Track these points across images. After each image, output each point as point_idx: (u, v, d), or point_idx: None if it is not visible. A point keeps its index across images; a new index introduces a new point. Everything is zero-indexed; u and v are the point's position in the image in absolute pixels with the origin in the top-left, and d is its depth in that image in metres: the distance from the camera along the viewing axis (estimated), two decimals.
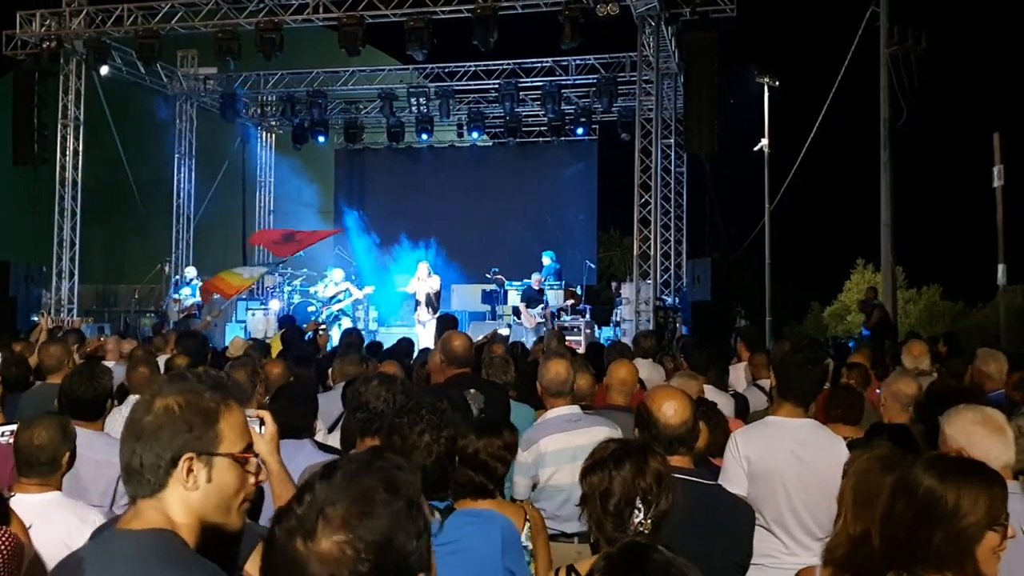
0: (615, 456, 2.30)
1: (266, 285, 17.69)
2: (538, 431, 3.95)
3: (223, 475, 1.64)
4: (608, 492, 2.24)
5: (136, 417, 1.63)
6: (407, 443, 2.48)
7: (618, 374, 4.55)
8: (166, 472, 1.60)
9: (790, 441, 3.55)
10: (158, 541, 1.59)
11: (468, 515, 2.55)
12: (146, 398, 1.66)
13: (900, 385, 4.18)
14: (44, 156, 15.87)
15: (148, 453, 1.60)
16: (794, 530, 3.48)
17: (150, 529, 1.60)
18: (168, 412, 1.62)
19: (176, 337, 7.76)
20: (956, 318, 31.68)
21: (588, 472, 2.32)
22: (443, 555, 2.30)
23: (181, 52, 18.31)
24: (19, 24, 15.65)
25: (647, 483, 2.24)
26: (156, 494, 1.61)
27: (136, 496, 1.63)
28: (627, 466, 2.26)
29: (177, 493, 1.61)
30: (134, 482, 1.63)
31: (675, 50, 15.09)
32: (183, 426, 1.61)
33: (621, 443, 2.37)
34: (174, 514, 1.62)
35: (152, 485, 1.61)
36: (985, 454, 2.61)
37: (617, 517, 2.22)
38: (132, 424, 1.64)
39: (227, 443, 1.64)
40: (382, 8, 13.82)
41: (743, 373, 6.72)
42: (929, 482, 1.86)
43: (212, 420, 1.63)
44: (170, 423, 1.61)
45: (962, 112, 31.68)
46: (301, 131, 19.50)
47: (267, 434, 2.58)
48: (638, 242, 14.12)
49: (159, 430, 1.61)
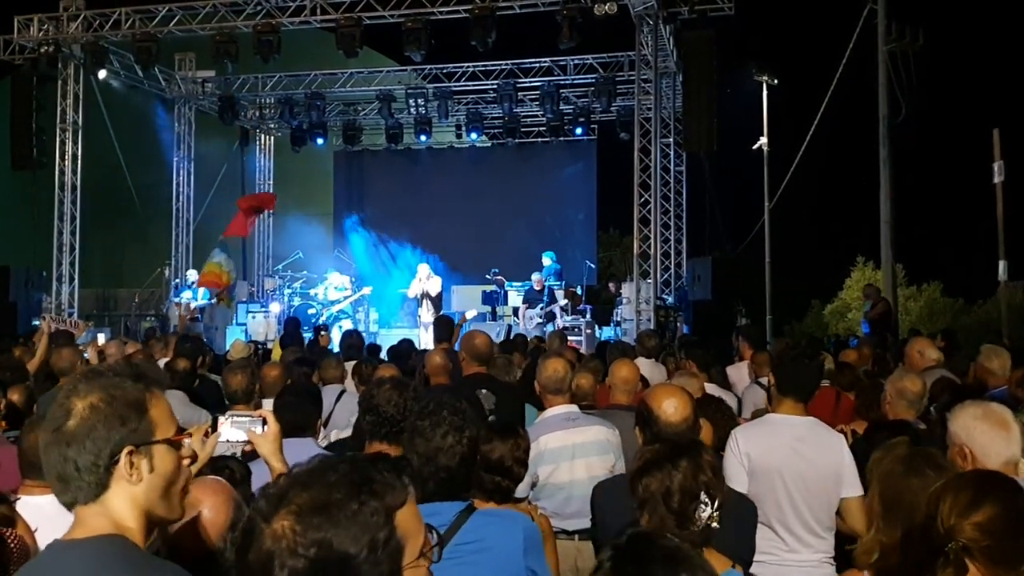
0: (669, 455, 2.29)
1: (266, 288, 17.69)
2: (537, 429, 3.97)
3: (163, 462, 1.61)
4: (669, 491, 2.23)
5: (57, 423, 1.57)
6: (431, 446, 2.47)
7: (620, 373, 4.55)
8: (107, 471, 1.56)
9: (790, 438, 3.55)
10: (108, 547, 1.54)
11: (490, 515, 2.54)
12: (62, 401, 1.59)
13: (905, 383, 4.18)
14: (43, 160, 15.87)
15: (84, 456, 1.55)
16: (794, 527, 3.48)
17: (97, 536, 1.55)
18: (95, 410, 1.57)
19: (176, 340, 7.76)
20: (957, 315, 31.67)
21: (642, 474, 2.30)
22: (465, 554, 2.32)
23: (179, 55, 18.31)
24: (17, 29, 15.66)
25: (708, 476, 2.24)
26: (99, 496, 1.57)
27: (75, 503, 1.58)
28: (684, 462, 2.26)
29: (121, 490, 1.57)
30: (72, 489, 1.57)
31: (673, 49, 15.08)
32: (116, 421, 1.57)
33: (670, 443, 2.36)
34: (120, 515, 1.58)
35: (94, 488, 1.56)
36: (984, 450, 2.59)
37: (681, 515, 2.21)
38: (56, 431, 1.57)
39: (161, 429, 1.62)
40: (380, 9, 13.82)
41: (746, 371, 6.71)
42: None
43: (142, 409, 1.60)
44: (101, 420, 1.56)
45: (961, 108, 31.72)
46: (300, 133, 19.51)
47: (270, 434, 2.57)
48: (638, 241, 14.11)
49: (91, 430, 1.56)
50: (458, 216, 19.10)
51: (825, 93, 17.88)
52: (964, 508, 1.81)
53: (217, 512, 2.17)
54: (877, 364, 7.10)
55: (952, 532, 1.80)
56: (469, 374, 4.61)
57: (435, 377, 5.03)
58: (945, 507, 1.83)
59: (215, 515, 2.16)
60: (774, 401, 3.73)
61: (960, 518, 1.80)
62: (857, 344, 9.80)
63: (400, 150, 20.05)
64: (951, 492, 1.87)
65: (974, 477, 2.04)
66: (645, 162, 14.37)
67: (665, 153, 15.79)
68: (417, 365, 6.69)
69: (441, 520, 2.36)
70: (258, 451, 2.62)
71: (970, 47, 34.28)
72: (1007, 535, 1.80)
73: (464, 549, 2.33)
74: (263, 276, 19.56)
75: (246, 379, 4.63)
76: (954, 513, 1.81)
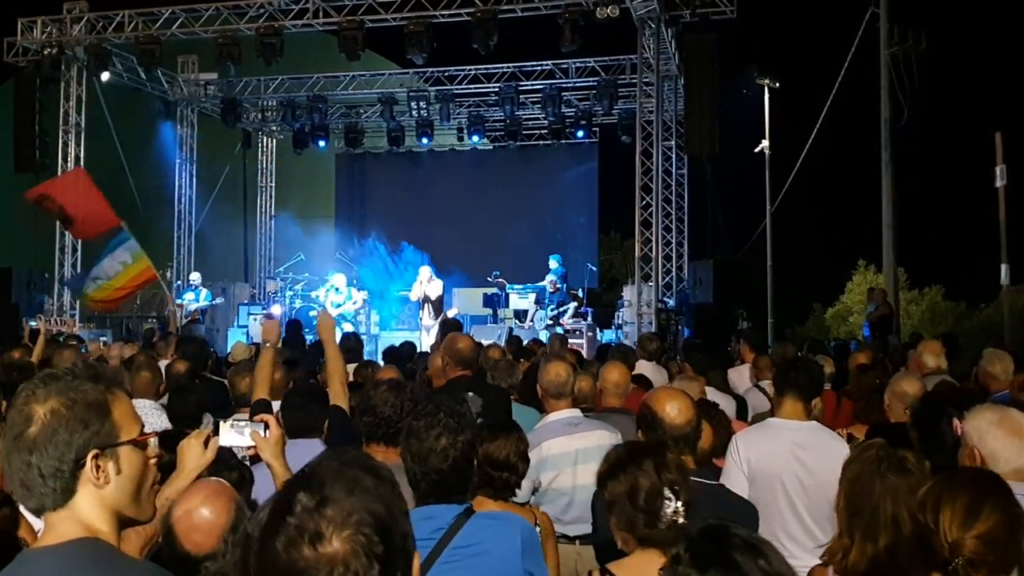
0: (633, 455, 2.32)
1: (268, 290, 17.70)
2: (539, 434, 3.94)
3: (130, 463, 1.59)
4: (635, 488, 2.24)
5: (18, 430, 1.53)
6: (424, 446, 2.46)
7: (611, 376, 4.54)
8: (72, 476, 1.53)
9: (791, 443, 3.53)
10: (82, 550, 1.51)
11: (487, 517, 2.53)
12: (19, 407, 1.56)
13: (903, 386, 4.16)
14: (45, 162, 15.88)
15: (47, 461, 1.52)
16: (795, 532, 3.47)
17: (69, 541, 1.52)
18: (56, 415, 1.53)
19: (177, 342, 7.76)
20: (958, 319, 31.61)
21: (608, 477, 2.32)
22: (463, 557, 2.31)
23: (182, 58, 18.34)
24: (20, 31, 15.69)
25: (672, 474, 2.26)
26: (67, 502, 1.54)
27: (43, 510, 1.55)
28: (648, 461, 2.27)
29: (88, 494, 1.55)
30: (36, 496, 1.54)
31: (675, 52, 15.08)
32: (78, 424, 1.54)
33: (634, 444, 2.39)
34: (90, 518, 1.55)
35: (59, 494, 1.53)
36: (995, 455, 2.57)
37: (648, 512, 2.22)
38: (17, 438, 1.53)
39: (125, 430, 1.60)
40: (382, 12, 13.83)
41: (747, 375, 6.70)
42: None
43: (105, 411, 1.58)
44: (63, 425, 1.53)
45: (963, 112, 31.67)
46: (302, 136, 19.52)
47: (272, 438, 2.57)
48: (639, 244, 14.11)
49: (53, 435, 1.52)
50: (459, 219, 19.09)
51: (827, 96, 17.91)
52: (964, 519, 1.81)
53: (219, 514, 2.17)
54: (875, 367, 7.06)
55: (956, 548, 1.79)
56: (453, 377, 4.59)
57: (437, 380, 5.02)
58: (945, 519, 1.82)
59: (216, 517, 2.16)
60: (774, 402, 3.72)
61: (962, 531, 1.80)
62: (857, 348, 9.78)
63: (402, 153, 20.06)
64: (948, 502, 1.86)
65: (968, 482, 2.03)
66: (647, 165, 14.37)
67: (667, 156, 15.79)
68: (418, 368, 6.68)
69: (439, 523, 2.36)
70: (260, 455, 2.62)
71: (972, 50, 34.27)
72: (1007, 543, 1.80)
73: (462, 552, 2.33)
74: (265, 278, 19.58)
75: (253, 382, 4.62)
76: (955, 526, 1.81)
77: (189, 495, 2.22)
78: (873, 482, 2.26)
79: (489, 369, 5.17)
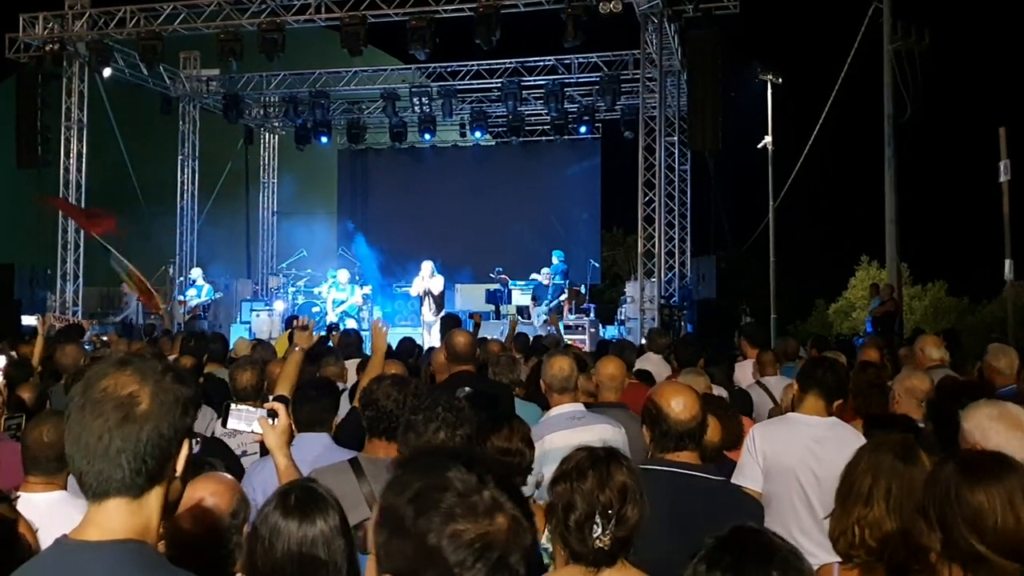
0: (579, 468, 2.23)
1: (270, 286, 17.70)
2: (542, 428, 3.93)
3: (183, 459, 1.49)
4: (571, 505, 2.17)
5: (125, 409, 1.39)
6: (421, 440, 2.46)
7: (606, 371, 4.52)
8: (167, 459, 1.42)
9: (807, 438, 3.51)
10: (132, 555, 1.38)
11: None
12: (109, 387, 1.41)
13: (914, 381, 4.15)
14: (47, 159, 15.91)
15: (157, 441, 1.39)
16: (810, 529, 3.42)
17: (117, 540, 1.38)
18: (164, 392, 1.43)
19: (182, 338, 7.76)
20: (962, 314, 31.60)
21: (554, 483, 2.25)
22: None
23: (183, 54, 18.33)
24: (22, 27, 15.70)
25: (607, 496, 2.16)
26: (144, 493, 1.41)
27: (108, 495, 1.40)
28: (590, 478, 2.19)
29: (161, 488, 1.45)
30: (127, 475, 1.38)
31: (678, 47, 15.05)
32: (178, 407, 1.45)
33: (588, 452, 2.29)
34: (152, 515, 1.43)
35: (143, 480, 1.40)
36: (999, 449, 2.57)
37: (579, 532, 2.15)
38: (125, 417, 1.39)
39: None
40: (384, 8, 13.81)
41: (749, 370, 6.68)
42: None
43: (187, 399, 1.50)
44: (170, 404, 1.43)
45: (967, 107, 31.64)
46: (304, 132, 19.52)
47: (278, 427, 2.56)
48: (642, 240, 14.09)
49: (167, 412, 1.42)
50: (461, 215, 19.08)
51: (830, 92, 17.86)
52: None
53: (220, 497, 2.23)
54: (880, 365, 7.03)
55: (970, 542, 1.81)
56: (455, 372, 4.60)
57: (440, 375, 5.02)
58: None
59: (217, 499, 2.22)
60: (796, 399, 3.70)
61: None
62: (863, 343, 9.75)
63: (404, 148, 20.04)
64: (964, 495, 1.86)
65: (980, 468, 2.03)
66: (649, 161, 14.34)
67: (670, 152, 15.76)
68: (422, 364, 6.67)
69: None
70: (265, 443, 2.62)
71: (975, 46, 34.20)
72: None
73: None
74: (267, 274, 19.60)
75: (254, 376, 4.64)
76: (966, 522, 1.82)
77: (193, 487, 2.23)
78: (881, 463, 2.26)
79: (490, 364, 5.16)
